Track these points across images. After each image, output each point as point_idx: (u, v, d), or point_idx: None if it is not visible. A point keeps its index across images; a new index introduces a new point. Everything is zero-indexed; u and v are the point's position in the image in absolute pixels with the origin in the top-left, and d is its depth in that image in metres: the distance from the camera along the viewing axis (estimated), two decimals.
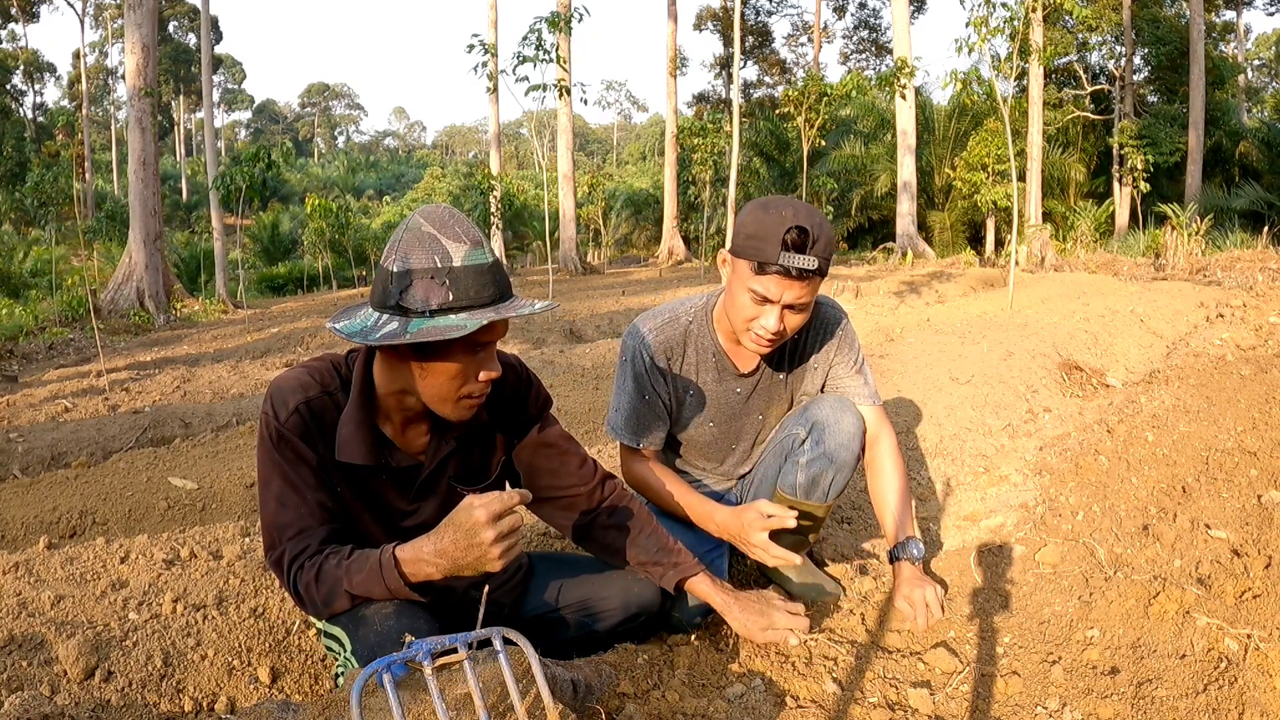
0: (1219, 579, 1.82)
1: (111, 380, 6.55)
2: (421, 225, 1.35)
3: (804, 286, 1.70)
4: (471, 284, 1.33)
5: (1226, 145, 21.54)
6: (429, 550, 1.35)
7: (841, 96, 12.21)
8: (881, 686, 1.66)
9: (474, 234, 1.36)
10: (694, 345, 1.97)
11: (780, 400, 2.06)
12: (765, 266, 1.68)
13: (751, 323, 1.76)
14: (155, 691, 1.57)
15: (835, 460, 1.93)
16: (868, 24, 40.09)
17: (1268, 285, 7.45)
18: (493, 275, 1.35)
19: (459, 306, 1.32)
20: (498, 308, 1.35)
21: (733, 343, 1.95)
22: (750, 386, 2.01)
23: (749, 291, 1.73)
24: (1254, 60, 42.90)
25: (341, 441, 1.45)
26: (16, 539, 3.07)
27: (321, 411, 1.45)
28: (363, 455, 1.45)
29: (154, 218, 13.13)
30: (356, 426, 1.45)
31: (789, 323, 1.76)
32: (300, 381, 1.46)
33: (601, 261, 23.50)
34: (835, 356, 2.03)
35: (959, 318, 6.93)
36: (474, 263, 1.33)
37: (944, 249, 19.61)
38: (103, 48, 46.65)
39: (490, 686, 1.13)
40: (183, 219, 37.05)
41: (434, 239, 1.33)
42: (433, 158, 69.67)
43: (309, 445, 1.44)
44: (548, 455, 1.68)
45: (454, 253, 1.33)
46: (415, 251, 1.33)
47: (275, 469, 1.43)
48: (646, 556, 1.73)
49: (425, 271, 1.32)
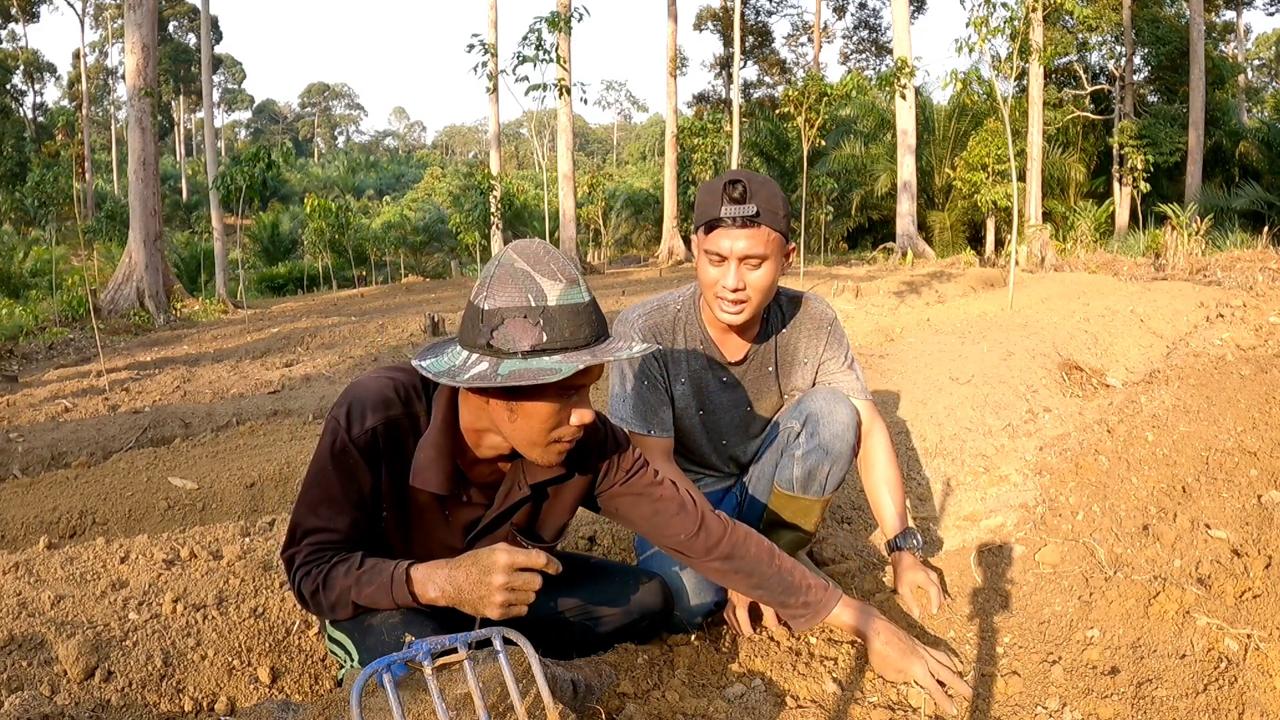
0: (1219, 579, 1.82)
1: (111, 380, 6.56)
2: (515, 261, 1.28)
3: (751, 235, 1.77)
4: (567, 324, 1.26)
5: (1226, 145, 21.55)
6: (441, 575, 1.35)
7: (841, 96, 12.21)
8: (881, 686, 1.66)
9: (569, 271, 1.29)
10: (683, 332, 1.99)
11: (769, 393, 2.07)
12: (712, 224, 1.79)
13: (715, 286, 1.83)
14: (155, 691, 1.57)
15: (831, 451, 1.94)
16: (868, 24, 40.11)
17: (1268, 285, 7.45)
18: (589, 315, 1.29)
19: (553, 348, 1.26)
20: (594, 350, 1.28)
21: (720, 330, 1.98)
22: (739, 376, 2.03)
23: (706, 256, 1.83)
24: (1254, 60, 42.92)
25: (419, 467, 1.40)
26: (16, 539, 3.07)
27: (399, 434, 1.40)
28: (439, 484, 1.40)
29: (154, 218, 13.14)
30: (438, 454, 1.40)
31: (749, 280, 1.81)
32: (384, 397, 1.40)
33: (601, 261, 23.51)
34: (825, 352, 2.05)
35: (959, 318, 6.93)
36: (569, 302, 1.27)
37: (944, 249, 19.61)
38: (103, 48, 46.67)
39: (490, 686, 1.13)
40: (183, 219, 37.04)
41: (528, 275, 1.27)
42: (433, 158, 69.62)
43: (370, 466, 1.39)
44: (636, 504, 1.61)
45: (549, 291, 1.26)
46: (507, 288, 1.26)
47: (323, 476, 1.39)
48: (772, 599, 1.69)
49: (518, 310, 1.26)
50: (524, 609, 1.32)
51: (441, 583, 1.35)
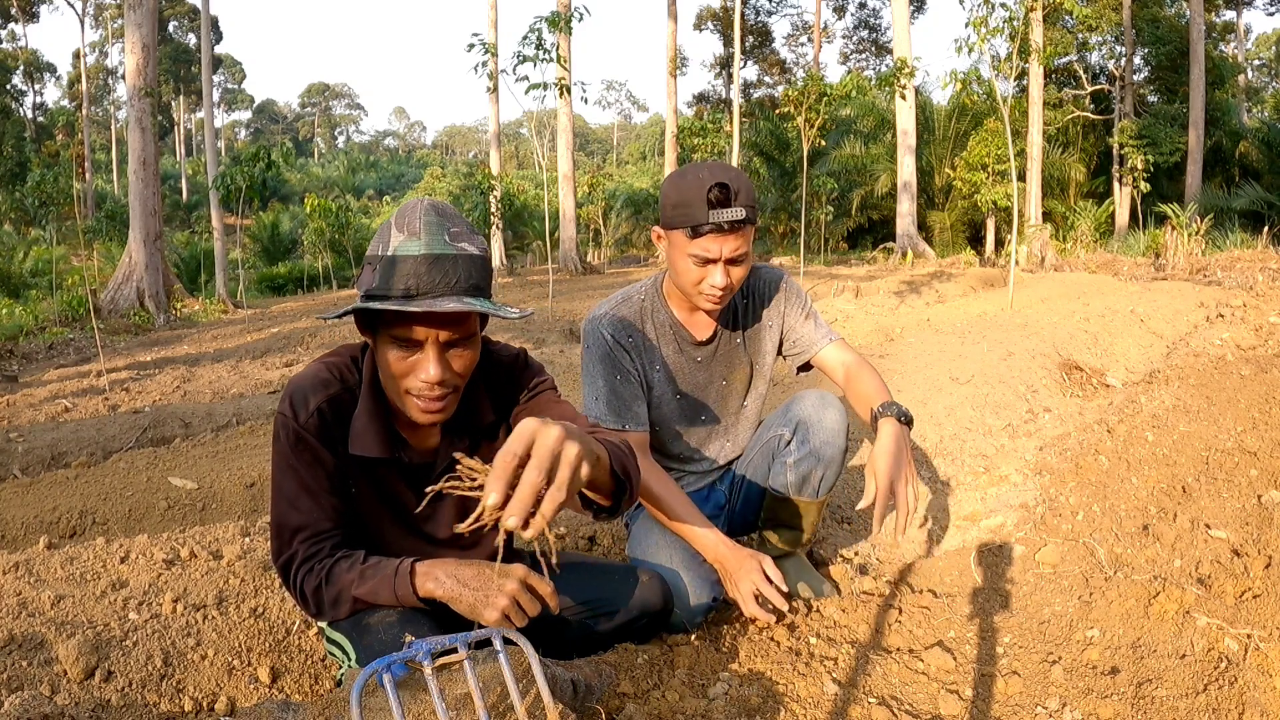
0: (1219, 579, 1.82)
1: (111, 380, 6.55)
2: (392, 216, 1.35)
3: (738, 237, 1.79)
4: (395, 274, 1.29)
5: (1226, 145, 21.55)
6: (445, 570, 1.37)
7: (841, 96, 12.20)
8: (881, 686, 1.66)
9: (416, 226, 1.31)
10: (650, 321, 2.01)
11: (741, 364, 2.09)
12: (699, 229, 1.77)
13: (700, 284, 1.84)
14: (155, 691, 1.57)
15: (822, 457, 1.95)
16: (868, 24, 40.13)
17: (1268, 285, 7.45)
18: (416, 268, 1.29)
19: (379, 294, 1.30)
20: (415, 300, 1.28)
21: (686, 311, 2.01)
22: (710, 354, 2.05)
23: (689, 257, 1.82)
24: (1254, 60, 42.91)
25: (355, 434, 1.43)
26: (16, 539, 3.07)
27: (341, 408, 1.44)
28: (376, 448, 1.43)
29: (154, 218, 13.13)
30: (370, 419, 1.43)
31: (734, 275, 1.84)
32: (320, 379, 1.44)
33: (602, 261, 23.50)
34: (785, 308, 2.08)
35: (959, 318, 6.93)
36: (403, 253, 1.30)
37: (944, 249, 19.60)
38: (103, 48, 46.65)
39: (490, 686, 1.13)
40: (183, 219, 37.03)
41: (387, 227, 1.34)
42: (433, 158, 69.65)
43: (328, 446, 1.42)
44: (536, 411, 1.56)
45: (393, 242, 1.31)
46: (376, 240, 1.35)
47: (290, 471, 1.42)
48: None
49: (372, 259, 1.33)
50: (520, 621, 1.33)
51: (444, 577, 1.36)
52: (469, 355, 1.38)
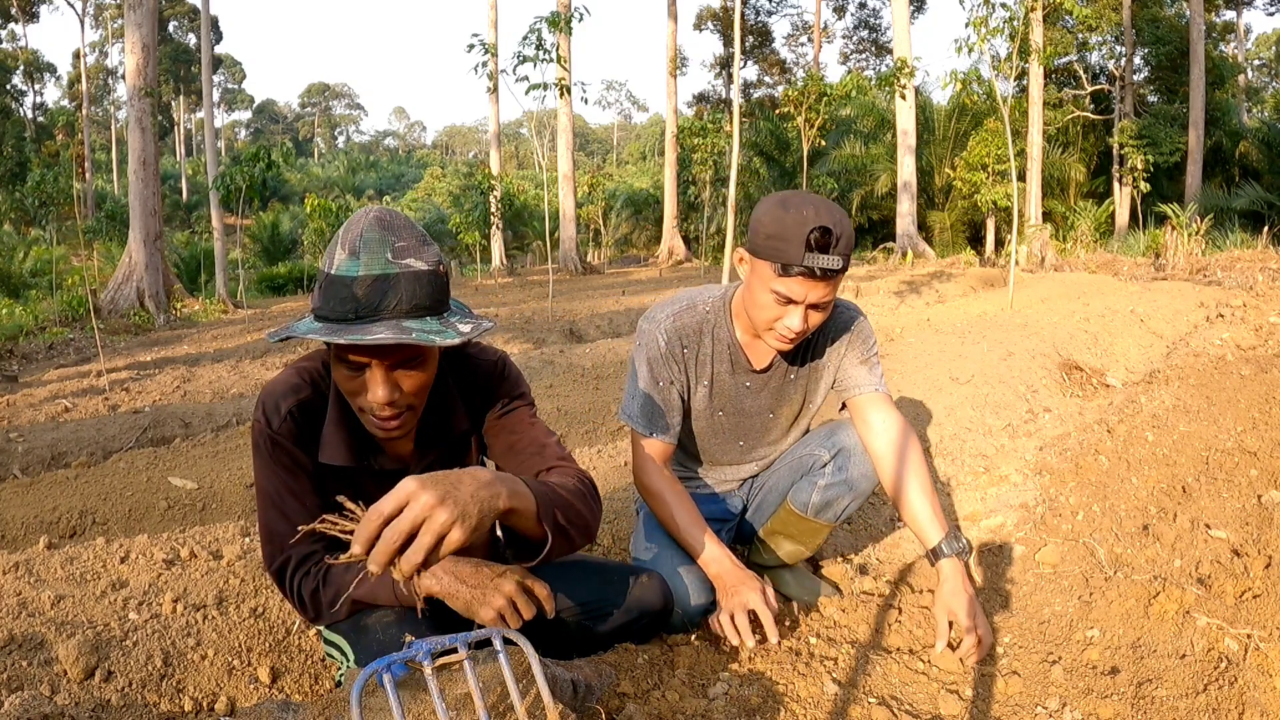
0: (1219, 579, 1.82)
1: (111, 380, 6.55)
2: (339, 229, 1.31)
3: (828, 286, 1.67)
4: (332, 295, 1.25)
5: (1226, 145, 21.55)
6: (443, 566, 1.37)
7: (841, 96, 12.20)
8: (881, 686, 1.66)
9: (356, 244, 1.25)
10: (710, 335, 1.93)
11: (791, 400, 2.01)
12: (789, 268, 1.64)
13: (775, 323, 1.73)
14: (155, 691, 1.57)
15: (855, 489, 1.93)
16: (868, 24, 40.11)
17: (1268, 285, 7.45)
18: (351, 291, 1.24)
19: (321, 315, 1.27)
20: (348, 327, 1.24)
21: (750, 336, 1.92)
22: (762, 383, 1.98)
23: (772, 293, 1.69)
24: (1254, 60, 42.92)
25: (324, 442, 1.43)
26: (16, 539, 3.07)
27: (314, 412, 1.43)
28: (343, 456, 1.42)
29: (154, 218, 13.13)
30: (337, 427, 1.42)
31: (812, 320, 1.73)
32: (290, 384, 1.43)
33: (602, 261, 23.51)
34: (847, 350, 1.96)
35: (959, 318, 6.93)
36: (340, 274, 1.25)
37: (944, 249, 19.60)
38: (103, 48, 46.65)
39: (490, 686, 1.13)
40: (183, 219, 37.03)
41: (335, 240, 1.29)
42: (433, 158, 69.64)
43: (304, 449, 1.42)
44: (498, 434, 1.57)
45: (335, 259, 1.26)
46: (327, 250, 1.30)
47: (273, 477, 1.41)
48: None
49: (319, 275, 1.29)
50: (515, 623, 1.32)
51: (441, 573, 1.36)
52: (421, 376, 1.34)
